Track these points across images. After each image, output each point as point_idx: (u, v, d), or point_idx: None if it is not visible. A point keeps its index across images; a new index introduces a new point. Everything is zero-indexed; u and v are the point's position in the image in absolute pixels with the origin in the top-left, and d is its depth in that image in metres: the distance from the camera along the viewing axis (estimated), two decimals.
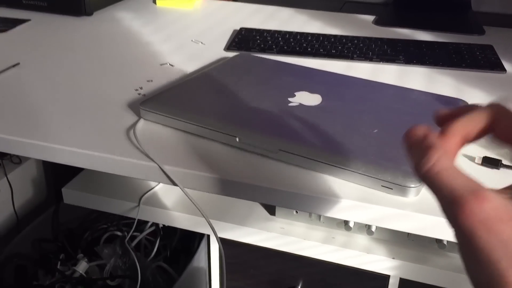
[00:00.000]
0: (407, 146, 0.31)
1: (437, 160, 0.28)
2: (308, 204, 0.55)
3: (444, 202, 0.27)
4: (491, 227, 0.25)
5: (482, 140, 0.31)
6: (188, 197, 0.60)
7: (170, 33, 1.02)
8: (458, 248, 0.27)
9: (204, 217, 0.64)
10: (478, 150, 0.62)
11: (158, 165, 0.58)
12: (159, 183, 0.90)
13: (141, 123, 0.66)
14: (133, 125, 0.65)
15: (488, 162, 0.59)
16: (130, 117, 0.68)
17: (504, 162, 0.59)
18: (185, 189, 0.59)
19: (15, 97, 0.74)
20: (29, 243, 1.03)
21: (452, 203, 0.26)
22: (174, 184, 0.58)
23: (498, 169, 0.59)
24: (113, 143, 0.62)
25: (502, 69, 0.86)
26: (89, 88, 0.77)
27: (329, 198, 0.54)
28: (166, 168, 0.58)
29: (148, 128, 0.65)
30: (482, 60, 0.89)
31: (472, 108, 0.32)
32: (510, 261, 0.24)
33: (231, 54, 0.87)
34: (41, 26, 1.04)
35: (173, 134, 0.64)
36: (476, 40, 0.99)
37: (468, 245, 0.26)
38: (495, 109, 0.31)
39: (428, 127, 0.30)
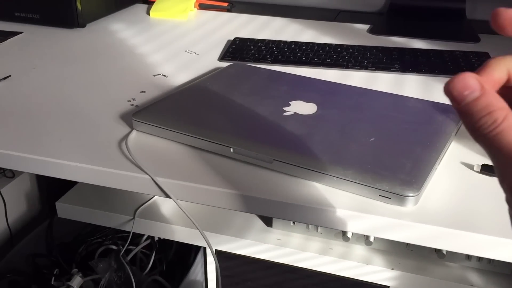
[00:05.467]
0: (455, 103, 0.28)
1: (497, 121, 0.26)
2: (305, 215, 0.54)
3: (503, 163, 0.25)
4: None
5: (481, 148, 0.30)
6: (181, 209, 0.59)
7: (164, 44, 1.01)
8: None
9: (197, 229, 0.63)
10: (477, 157, 0.61)
11: (151, 177, 0.57)
12: (153, 195, 0.88)
13: (134, 135, 0.65)
14: (126, 137, 0.64)
15: (487, 170, 0.58)
16: (123, 129, 0.67)
17: None
18: (179, 201, 0.57)
19: (6, 110, 0.73)
20: (23, 258, 1.02)
21: None
22: (167, 196, 0.57)
23: None
24: (105, 155, 0.61)
25: None
26: (81, 100, 0.76)
27: (326, 208, 0.53)
28: (159, 180, 0.57)
29: (141, 139, 0.64)
30: (478, 68, 0.88)
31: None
32: None
33: (225, 64, 0.87)
34: (33, 38, 1.03)
35: (166, 145, 0.63)
36: (471, 48, 0.98)
37: None
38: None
39: (473, 77, 0.28)
